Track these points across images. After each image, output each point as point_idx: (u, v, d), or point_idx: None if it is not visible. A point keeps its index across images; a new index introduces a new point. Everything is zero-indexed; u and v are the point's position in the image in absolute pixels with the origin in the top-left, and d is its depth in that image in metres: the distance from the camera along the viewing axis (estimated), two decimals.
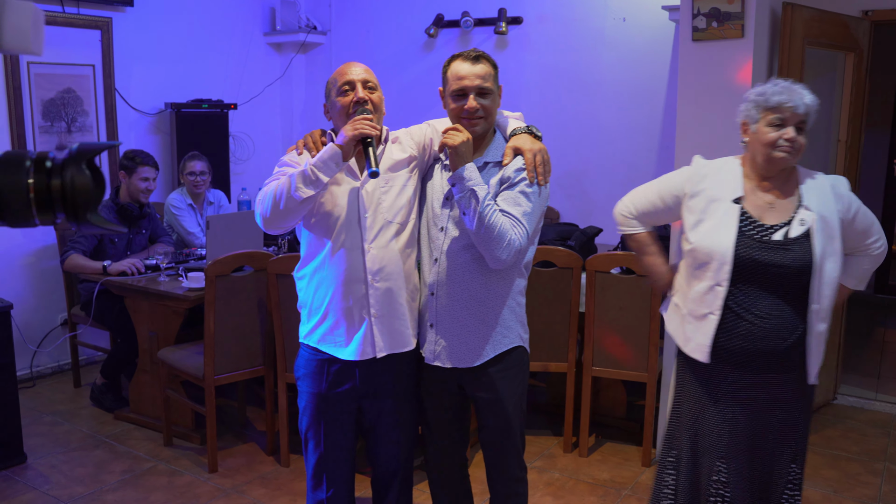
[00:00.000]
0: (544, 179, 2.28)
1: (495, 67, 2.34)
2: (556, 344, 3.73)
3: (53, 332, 4.85)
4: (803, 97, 2.24)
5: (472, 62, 2.28)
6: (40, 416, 4.25)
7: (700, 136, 3.51)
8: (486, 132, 2.34)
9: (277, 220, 2.29)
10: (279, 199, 2.24)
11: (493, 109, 2.31)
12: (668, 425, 2.55)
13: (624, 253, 3.64)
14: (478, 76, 2.26)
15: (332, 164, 2.21)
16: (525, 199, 2.25)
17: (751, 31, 3.36)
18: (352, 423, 2.45)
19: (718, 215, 2.30)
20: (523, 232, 2.23)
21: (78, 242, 4.17)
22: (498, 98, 2.33)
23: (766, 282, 2.24)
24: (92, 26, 4.85)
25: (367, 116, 2.24)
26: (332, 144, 2.22)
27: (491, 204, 2.19)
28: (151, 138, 5.33)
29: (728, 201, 2.31)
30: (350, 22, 5.98)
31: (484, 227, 2.17)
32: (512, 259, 2.23)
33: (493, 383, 2.37)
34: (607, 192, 4.96)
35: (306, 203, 2.23)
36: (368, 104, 2.29)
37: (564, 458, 3.80)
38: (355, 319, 2.32)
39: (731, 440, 2.34)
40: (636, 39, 4.83)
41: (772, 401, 2.32)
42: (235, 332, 3.59)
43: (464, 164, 2.21)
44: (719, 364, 2.32)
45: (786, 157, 2.25)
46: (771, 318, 2.24)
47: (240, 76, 5.84)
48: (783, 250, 2.23)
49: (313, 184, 2.21)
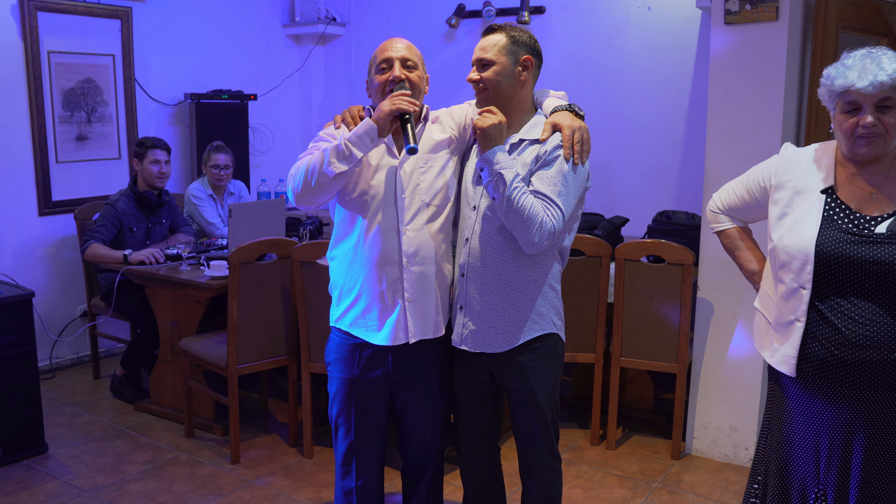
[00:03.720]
0: (581, 158, 2.20)
1: (510, 38, 2.23)
2: (583, 334, 3.67)
3: (73, 324, 4.82)
4: (878, 72, 1.86)
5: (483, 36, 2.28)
6: (60, 406, 4.22)
7: (732, 122, 3.44)
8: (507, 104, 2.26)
9: (309, 196, 2.23)
10: (311, 175, 2.18)
11: (495, 81, 2.22)
12: (757, 448, 2.29)
13: (653, 241, 3.57)
14: (481, 48, 2.24)
15: (367, 139, 2.15)
16: (560, 179, 2.16)
17: (785, 13, 3.28)
18: (383, 410, 2.39)
19: (803, 208, 2.03)
20: (557, 214, 2.14)
21: (98, 232, 4.14)
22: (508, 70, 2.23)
23: (865, 282, 1.92)
24: (112, 16, 4.82)
25: (406, 92, 2.19)
26: (369, 119, 2.17)
27: (520, 186, 2.12)
28: (171, 129, 5.29)
29: (815, 192, 2.03)
30: (370, 13, 5.93)
31: (513, 211, 2.11)
32: (546, 243, 2.15)
33: (524, 372, 2.29)
34: (631, 183, 4.89)
35: (339, 179, 2.18)
36: (405, 83, 2.23)
37: (592, 450, 3.74)
38: (388, 303, 2.26)
39: (827, 469, 2.04)
40: (661, 28, 4.75)
41: (875, 423, 1.96)
42: (259, 321, 3.54)
43: (493, 146, 2.15)
44: (810, 378, 2.00)
45: (870, 149, 1.93)
46: (872, 324, 1.91)
47: (259, 68, 5.80)
48: (886, 245, 1.90)
49: (347, 159, 2.15)
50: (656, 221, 4.23)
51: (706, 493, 3.33)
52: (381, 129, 2.16)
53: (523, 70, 2.25)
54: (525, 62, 2.25)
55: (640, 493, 3.33)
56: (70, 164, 4.74)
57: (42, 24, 4.49)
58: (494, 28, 2.26)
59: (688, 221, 4.13)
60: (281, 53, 5.99)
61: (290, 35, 6.04)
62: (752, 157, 3.39)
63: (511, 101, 2.26)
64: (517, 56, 2.24)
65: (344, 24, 6.01)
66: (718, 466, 3.57)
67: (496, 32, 2.25)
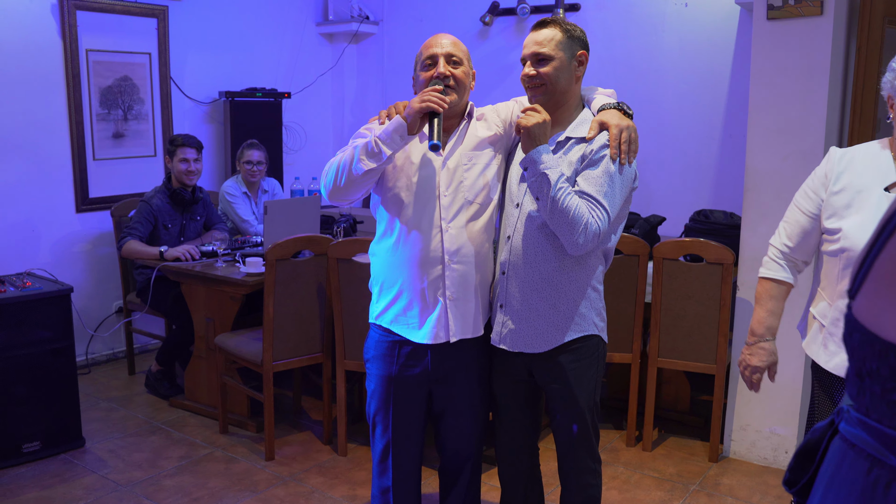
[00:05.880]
0: (628, 158, 2.15)
1: (565, 33, 2.19)
2: (620, 334, 3.62)
3: (108, 320, 4.86)
4: None
5: (534, 30, 2.23)
6: (96, 401, 4.26)
7: (774, 119, 3.37)
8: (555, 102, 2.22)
9: (340, 192, 2.22)
10: (342, 172, 2.18)
11: (554, 76, 2.18)
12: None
13: (692, 240, 3.52)
14: (537, 42, 2.19)
15: (397, 136, 2.13)
16: (606, 179, 2.11)
17: (830, 7, 3.21)
18: (422, 409, 2.37)
19: (869, 206, 1.97)
20: (603, 215, 2.09)
21: (134, 228, 4.17)
22: (565, 65, 2.20)
23: None
24: (149, 14, 4.86)
25: (437, 88, 2.15)
26: (398, 117, 2.14)
27: (565, 187, 2.07)
28: (206, 127, 5.33)
29: (878, 190, 1.97)
30: (402, 11, 5.92)
31: (558, 212, 2.06)
32: (591, 245, 2.10)
33: (565, 372, 2.25)
34: (667, 183, 4.83)
35: (368, 176, 2.16)
36: (450, 80, 2.20)
37: (628, 451, 3.69)
38: (429, 301, 2.24)
39: None
40: (698, 24, 4.69)
41: None
42: (294, 318, 3.54)
43: (537, 146, 2.11)
44: None
45: None
46: None
47: (292, 66, 5.82)
48: None
49: (376, 157, 2.13)
50: (694, 220, 4.17)
51: (745, 497, 3.27)
52: (410, 127, 2.13)
53: (579, 65, 2.22)
54: (581, 57, 2.21)
55: (678, 496, 3.28)
56: (107, 161, 4.79)
57: (81, 22, 4.53)
58: (547, 22, 2.21)
59: (726, 220, 4.06)
60: (314, 52, 6.00)
61: (323, 33, 6.05)
62: (794, 155, 3.33)
63: (564, 97, 2.22)
64: (573, 51, 2.20)
65: (377, 23, 6.00)
66: (758, 470, 3.50)
67: (549, 27, 2.20)
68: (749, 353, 2.29)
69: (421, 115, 2.12)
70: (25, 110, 4.40)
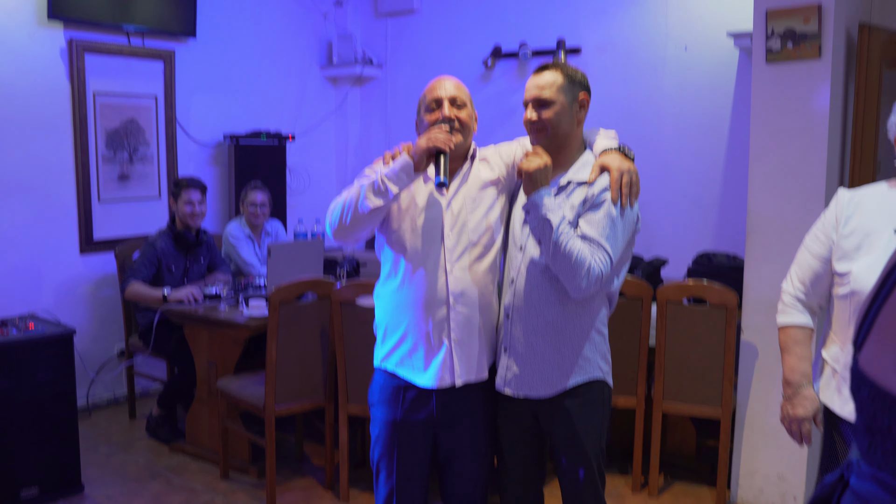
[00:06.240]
0: (630, 201, 2.16)
1: (566, 77, 2.21)
2: (624, 378, 3.59)
3: (110, 363, 4.84)
4: None
5: (536, 74, 2.25)
6: (96, 446, 4.21)
7: (775, 161, 3.39)
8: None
9: (345, 231, 2.23)
10: (348, 210, 2.19)
11: (556, 121, 2.20)
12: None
13: (695, 282, 3.51)
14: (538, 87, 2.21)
15: (404, 175, 2.15)
16: (608, 223, 2.11)
17: (828, 50, 3.25)
18: (427, 455, 2.34)
19: (879, 248, 1.95)
20: (605, 259, 2.09)
21: (138, 270, 4.17)
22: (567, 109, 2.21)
23: None
24: (156, 58, 4.92)
25: (444, 128, 2.18)
26: (405, 155, 2.16)
27: (567, 231, 2.07)
28: (210, 169, 5.36)
29: (888, 231, 1.95)
30: (405, 55, 5.99)
31: (560, 256, 2.06)
32: (594, 288, 2.10)
33: (570, 418, 2.23)
34: (669, 224, 4.83)
35: (374, 214, 2.17)
36: (455, 123, 2.23)
37: (633, 497, 3.64)
38: (434, 344, 2.23)
39: None
40: (698, 68, 4.73)
41: None
42: (297, 362, 3.52)
43: (538, 188, 2.11)
44: None
45: None
46: None
47: (297, 109, 5.88)
48: None
49: (382, 195, 2.14)
50: (696, 263, 4.16)
51: None
52: (416, 165, 2.15)
53: (580, 109, 2.24)
54: (582, 100, 2.23)
55: None
56: (111, 202, 4.81)
57: (89, 65, 4.59)
58: (548, 66, 2.24)
59: (729, 263, 4.06)
60: (318, 95, 6.06)
61: (327, 77, 6.12)
62: (796, 196, 3.34)
63: (566, 140, 2.24)
64: (575, 94, 2.22)
65: (380, 66, 6.07)
66: None
67: (550, 70, 2.22)
68: (791, 406, 2.20)
69: (427, 155, 2.15)
70: (32, 151, 4.44)
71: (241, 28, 5.46)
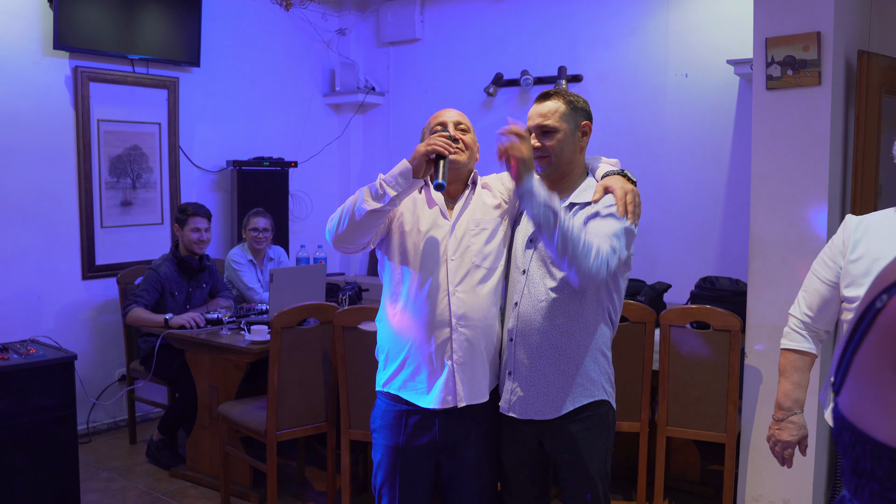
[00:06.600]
0: (634, 217, 2.17)
1: (568, 104, 2.24)
2: (628, 402, 3.57)
3: (111, 388, 4.83)
4: None
5: (538, 102, 2.28)
6: (96, 471, 4.19)
7: (777, 187, 3.40)
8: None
9: (343, 237, 2.24)
10: (346, 214, 2.21)
11: (558, 149, 2.23)
12: None
13: (698, 307, 3.51)
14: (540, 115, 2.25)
15: (402, 179, 2.16)
16: (615, 221, 2.11)
17: (828, 77, 3.27)
18: (429, 480, 2.33)
19: None
20: (616, 243, 2.07)
21: (140, 296, 4.18)
22: (569, 137, 2.24)
23: None
24: (160, 86, 4.96)
25: (444, 134, 2.20)
26: (404, 160, 2.19)
27: (571, 219, 2.05)
28: (213, 195, 5.38)
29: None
30: (408, 83, 6.05)
31: (570, 239, 1.98)
32: (605, 273, 2.03)
33: (575, 441, 2.23)
34: (672, 249, 4.85)
35: (371, 218, 2.17)
36: (460, 143, 2.26)
37: None
38: (437, 365, 2.23)
39: None
40: (699, 95, 4.78)
41: None
42: (299, 387, 3.51)
43: (529, 171, 2.03)
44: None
45: None
46: None
47: (299, 136, 5.92)
48: None
49: (380, 198, 2.16)
50: (699, 287, 4.17)
51: None
52: (415, 170, 2.17)
53: (583, 136, 2.25)
54: (584, 127, 2.26)
55: None
56: (114, 228, 4.83)
57: (93, 93, 4.63)
58: (550, 94, 2.26)
59: (731, 287, 4.06)
60: (321, 122, 6.11)
61: (329, 104, 6.17)
62: (798, 222, 3.35)
63: (569, 167, 2.26)
64: (577, 122, 2.24)
65: (383, 94, 6.13)
66: None
67: (553, 98, 2.25)
68: (778, 429, 2.24)
69: (427, 160, 2.16)
70: (36, 177, 4.46)
71: (245, 56, 5.51)
